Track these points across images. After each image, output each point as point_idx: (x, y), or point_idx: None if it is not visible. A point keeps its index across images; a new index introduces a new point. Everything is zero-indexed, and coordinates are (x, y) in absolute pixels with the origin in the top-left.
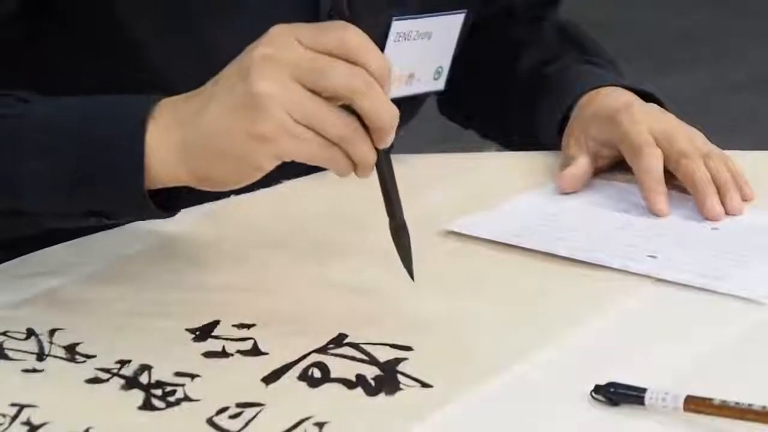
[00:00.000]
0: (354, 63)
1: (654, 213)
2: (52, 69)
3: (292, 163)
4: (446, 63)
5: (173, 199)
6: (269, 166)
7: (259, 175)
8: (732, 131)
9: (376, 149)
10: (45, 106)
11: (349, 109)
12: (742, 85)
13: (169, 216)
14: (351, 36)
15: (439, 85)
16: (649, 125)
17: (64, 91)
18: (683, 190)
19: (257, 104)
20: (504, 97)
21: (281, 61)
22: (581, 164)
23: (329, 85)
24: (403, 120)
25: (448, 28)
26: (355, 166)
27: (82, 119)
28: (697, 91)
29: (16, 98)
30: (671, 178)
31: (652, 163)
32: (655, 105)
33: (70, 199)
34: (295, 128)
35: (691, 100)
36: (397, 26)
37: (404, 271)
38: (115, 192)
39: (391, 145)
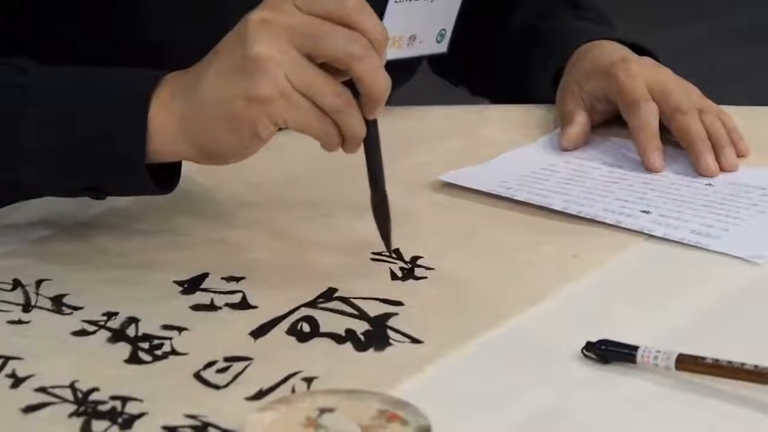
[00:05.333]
0: (352, 28)
1: (649, 168)
2: (64, 60)
3: None
4: (450, 25)
5: (172, 176)
6: (265, 131)
7: (257, 144)
8: (726, 85)
9: (365, 121)
10: (45, 77)
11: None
12: (737, 39)
13: (165, 193)
14: (349, 1)
15: (442, 47)
16: (644, 79)
17: None
18: (678, 145)
19: (254, 67)
20: (496, 53)
21: (278, 25)
22: (580, 121)
23: (326, 50)
24: (402, 81)
25: None
26: (343, 141)
27: (84, 93)
28: (692, 45)
29: (14, 68)
30: (666, 133)
31: (648, 118)
32: (650, 59)
33: (67, 172)
34: (291, 93)
35: (685, 54)
36: None
37: (393, 228)
38: (113, 168)
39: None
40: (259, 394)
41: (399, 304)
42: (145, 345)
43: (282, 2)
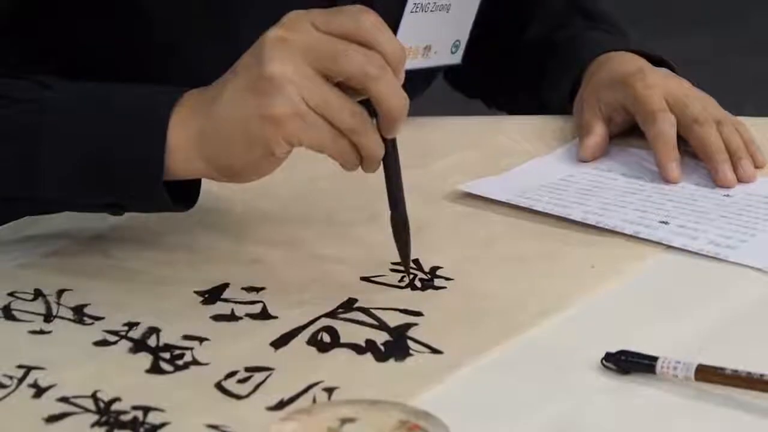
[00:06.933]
0: (369, 47)
1: (666, 179)
2: (82, 68)
3: None
4: (464, 37)
5: (191, 193)
6: (280, 152)
7: (272, 163)
8: (737, 96)
9: (384, 140)
10: (66, 93)
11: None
12: (744, 49)
13: (184, 210)
14: (366, 20)
15: (457, 58)
16: (662, 90)
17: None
18: (696, 155)
19: (270, 86)
20: (511, 66)
21: (294, 44)
22: (599, 132)
23: (343, 70)
24: (417, 92)
25: (466, 1)
26: (362, 160)
27: (103, 109)
28: (699, 55)
29: (36, 83)
30: (683, 144)
31: (666, 129)
32: (667, 69)
33: (85, 188)
34: (307, 113)
35: (698, 63)
36: None
37: (412, 238)
38: (132, 185)
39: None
40: (281, 404)
41: (419, 314)
42: (167, 355)
43: (299, 21)
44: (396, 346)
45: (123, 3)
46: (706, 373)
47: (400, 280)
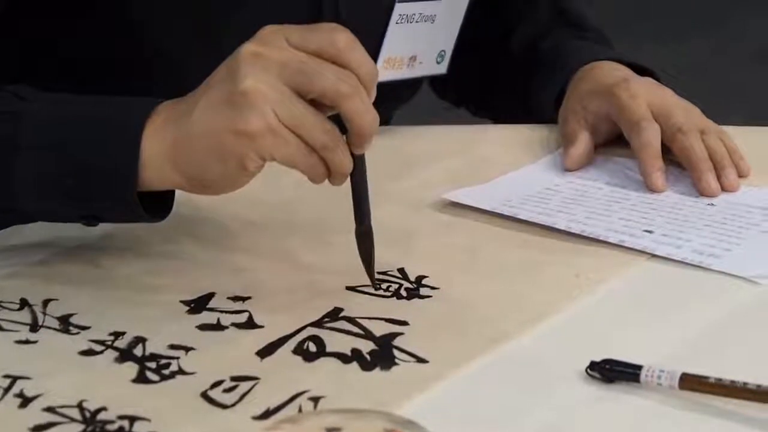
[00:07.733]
0: (342, 65)
1: (651, 188)
2: (67, 77)
3: None
4: (449, 47)
5: (165, 205)
6: (253, 166)
7: (244, 176)
8: (726, 105)
9: (353, 156)
10: (43, 104)
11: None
12: (738, 58)
13: (158, 221)
14: (340, 38)
15: (442, 68)
16: (646, 99)
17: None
18: (680, 165)
19: (244, 101)
20: (497, 74)
21: (269, 60)
22: (584, 141)
23: (315, 87)
24: (402, 101)
25: (452, 11)
26: (330, 175)
27: (79, 121)
28: (692, 63)
29: (12, 95)
30: (668, 153)
31: (650, 138)
32: (651, 79)
33: (61, 199)
34: (280, 129)
35: (685, 72)
36: (400, 8)
37: (397, 247)
38: (107, 197)
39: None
40: (266, 414)
41: (404, 323)
42: (153, 365)
43: (274, 37)
44: (382, 355)
45: (110, 7)
46: (691, 382)
47: (386, 290)
